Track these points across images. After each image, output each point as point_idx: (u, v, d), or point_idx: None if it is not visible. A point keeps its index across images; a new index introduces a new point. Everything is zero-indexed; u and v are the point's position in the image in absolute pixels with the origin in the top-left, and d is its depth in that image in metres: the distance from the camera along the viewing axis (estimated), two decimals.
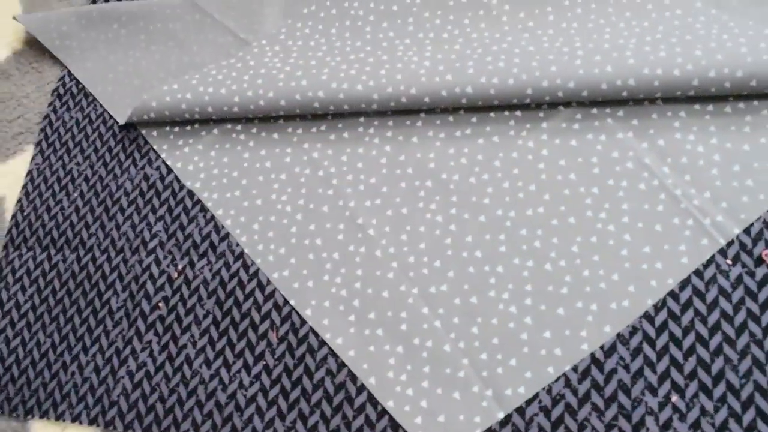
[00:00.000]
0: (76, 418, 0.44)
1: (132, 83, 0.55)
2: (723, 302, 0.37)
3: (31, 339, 0.47)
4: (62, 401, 0.45)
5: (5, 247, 0.51)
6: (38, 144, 0.55)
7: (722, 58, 0.40)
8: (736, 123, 0.41)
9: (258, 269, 0.44)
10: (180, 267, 0.46)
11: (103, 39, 0.57)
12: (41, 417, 0.44)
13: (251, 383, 0.41)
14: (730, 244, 0.38)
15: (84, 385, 0.45)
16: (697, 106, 0.42)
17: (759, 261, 0.38)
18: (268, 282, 0.43)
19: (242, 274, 0.44)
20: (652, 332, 0.37)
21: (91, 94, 0.55)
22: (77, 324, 0.47)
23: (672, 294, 0.38)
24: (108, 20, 0.57)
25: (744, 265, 0.38)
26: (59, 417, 0.44)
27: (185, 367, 0.43)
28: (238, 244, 0.45)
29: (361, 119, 0.47)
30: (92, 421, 0.43)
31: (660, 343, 0.37)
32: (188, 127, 0.51)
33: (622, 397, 0.36)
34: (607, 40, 0.43)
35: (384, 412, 0.39)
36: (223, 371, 0.42)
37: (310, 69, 0.47)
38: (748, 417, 0.35)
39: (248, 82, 0.47)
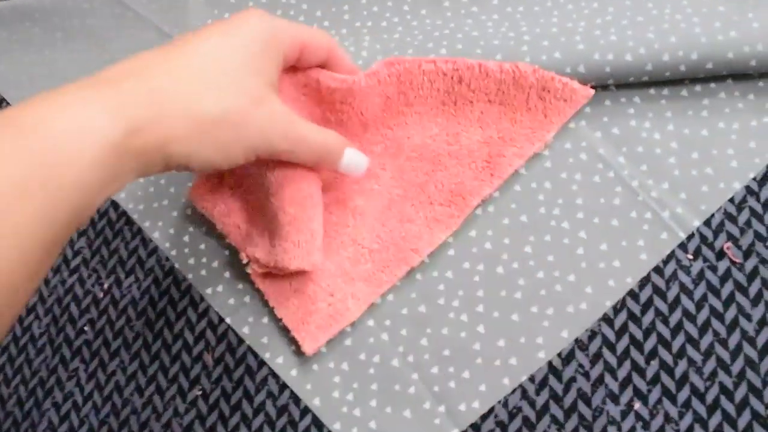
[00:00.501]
0: None
1: (50, 85, 0.49)
2: (685, 300, 0.35)
3: None
4: None
5: None
6: None
7: (676, 40, 0.37)
8: (693, 107, 0.39)
9: (190, 285, 0.41)
10: (106, 286, 0.42)
11: (15, 38, 0.52)
12: None
13: (187, 410, 0.38)
14: (690, 237, 0.36)
15: (7, 420, 0.41)
16: (652, 91, 0.39)
17: (721, 254, 0.36)
18: (202, 299, 0.40)
19: (173, 291, 0.41)
20: (611, 336, 0.35)
21: (4, 98, 0.51)
22: (41, 313, 0.43)
23: (631, 293, 0.35)
24: (20, 18, 0.52)
25: (705, 260, 0.36)
26: None
27: (115, 395, 0.39)
28: (167, 259, 0.42)
29: None
30: None
31: (620, 347, 0.35)
32: None
33: (582, 407, 0.34)
34: (555, 23, 0.40)
35: None
36: (156, 398, 0.39)
37: None
38: (714, 421, 0.33)
39: None
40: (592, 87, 0.39)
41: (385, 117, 0.40)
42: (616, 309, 0.35)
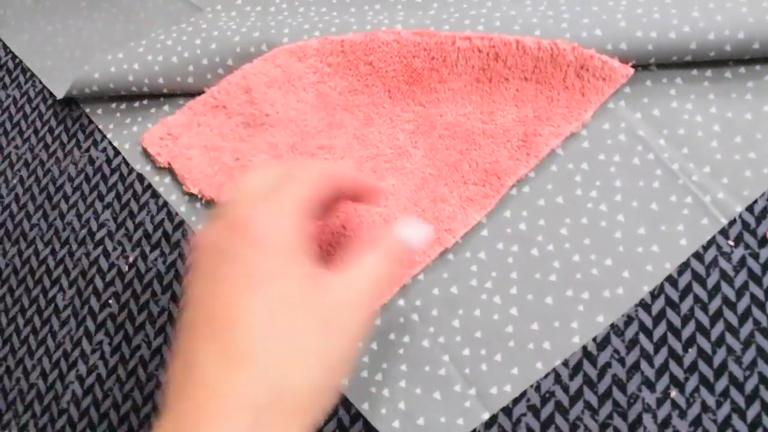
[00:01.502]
0: (23, 428, 0.40)
1: (73, 55, 0.49)
2: (725, 287, 0.34)
3: None
4: (7, 410, 0.41)
5: None
6: None
7: (722, 19, 0.36)
8: (737, 90, 0.37)
9: None
10: (131, 259, 0.42)
11: (40, 8, 0.51)
12: None
13: None
14: (732, 223, 0.35)
15: (30, 391, 0.41)
16: (694, 72, 0.38)
17: (763, 241, 0.35)
18: None
19: None
20: (648, 322, 0.34)
21: (29, 69, 0.50)
22: (21, 325, 0.42)
23: (670, 279, 0.35)
24: None
25: (747, 246, 0.35)
26: (4, 427, 0.40)
27: (140, 369, 0.39)
28: (194, 233, 0.41)
29: None
30: (40, 431, 0.39)
31: (657, 333, 0.34)
32: (136, 104, 0.46)
33: (617, 394, 0.33)
34: (596, 1, 0.39)
35: (358, 415, 0.35)
36: None
37: (269, 30, 0.42)
38: (752, 412, 0.32)
39: (201, 48, 0.43)
40: (633, 66, 0.37)
41: (415, 93, 0.40)
42: (654, 295, 0.34)
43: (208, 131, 0.42)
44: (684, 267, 0.35)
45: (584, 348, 0.34)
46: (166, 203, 0.42)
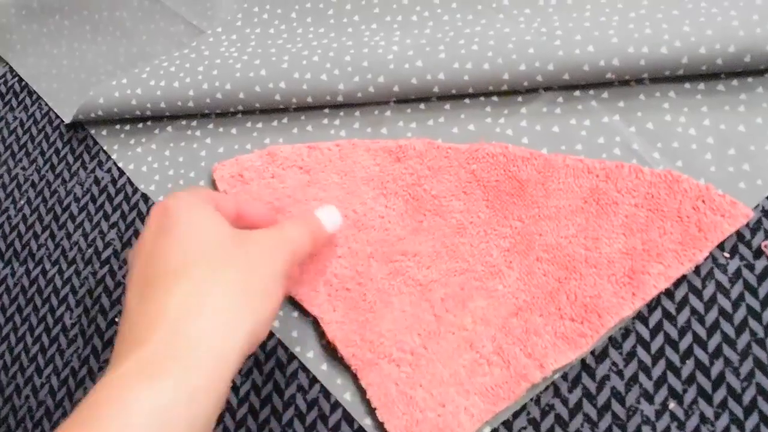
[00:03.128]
0: None
1: (78, 78, 0.50)
2: (721, 299, 0.34)
3: None
4: (17, 427, 0.41)
5: None
6: None
7: (713, 33, 0.36)
8: (729, 102, 0.38)
9: None
10: None
11: (45, 32, 0.52)
12: None
13: None
14: None
15: (39, 408, 0.41)
16: (687, 85, 0.39)
17: (758, 253, 0.35)
18: None
19: None
20: (646, 334, 0.35)
21: (35, 92, 0.51)
22: (29, 343, 0.43)
23: (666, 292, 0.35)
24: (50, 10, 0.52)
25: (742, 258, 0.35)
26: None
27: None
28: None
29: (326, 110, 0.44)
30: None
31: (655, 345, 0.34)
32: (140, 125, 0.47)
33: (616, 406, 0.34)
34: (588, 18, 0.40)
35: (361, 430, 0.36)
36: None
37: (269, 57, 0.43)
38: (750, 423, 0.32)
39: (203, 74, 0.43)
40: (626, 81, 0.38)
41: (516, 205, 0.37)
42: (651, 307, 0.35)
43: (281, 187, 0.41)
44: (680, 279, 0.35)
45: (582, 361, 0.35)
46: None
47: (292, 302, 0.39)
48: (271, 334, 0.39)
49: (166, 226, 0.29)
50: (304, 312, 0.38)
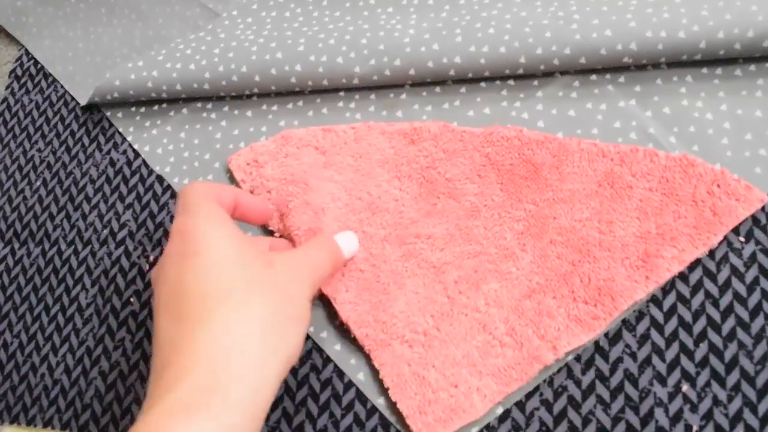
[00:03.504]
0: (47, 423, 0.41)
1: (94, 61, 0.51)
2: (736, 283, 0.34)
3: None
4: (33, 405, 0.42)
5: None
6: None
7: (731, 17, 0.36)
8: (747, 87, 0.38)
9: None
10: (152, 258, 0.43)
11: (61, 14, 0.53)
12: (11, 422, 0.42)
13: None
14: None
15: (55, 387, 0.42)
16: (704, 70, 0.39)
17: None
18: None
19: None
20: (660, 317, 0.35)
21: (50, 74, 0.52)
22: (45, 323, 0.44)
23: (681, 275, 0.35)
24: None
25: (758, 242, 0.35)
26: (30, 422, 0.41)
27: None
28: None
29: (341, 93, 0.44)
30: (65, 426, 0.41)
31: (669, 328, 0.34)
32: (155, 107, 0.47)
33: (629, 388, 0.34)
34: (605, 2, 0.39)
35: (374, 409, 0.36)
36: None
37: (285, 40, 0.43)
38: (763, 406, 0.32)
39: (219, 57, 0.44)
40: (643, 65, 0.38)
41: (530, 188, 0.38)
42: (665, 290, 0.35)
43: (295, 164, 0.41)
44: (695, 263, 0.35)
45: (596, 343, 0.35)
46: None
47: None
48: None
49: (189, 252, 0.28)
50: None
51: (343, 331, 0.38)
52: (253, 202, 0.36)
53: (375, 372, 0.36)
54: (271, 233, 0.40)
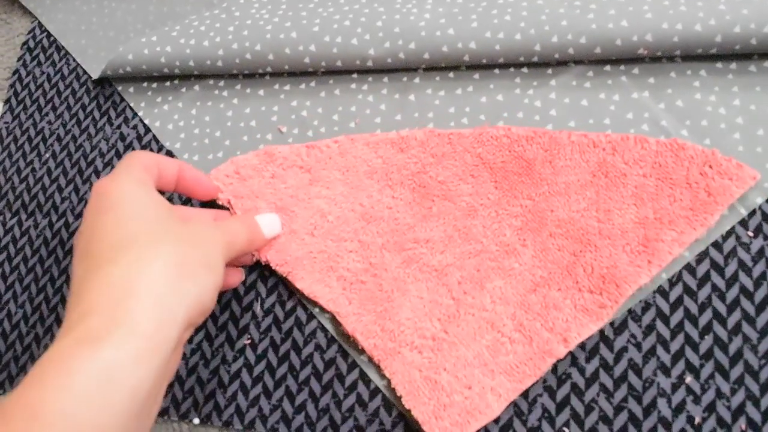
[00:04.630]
0: None
1: (107, 35, 0.51)
2: (743, 277, 0.34)
3: (1, 310, 0.44)
4: None
5: None
6: (7, 101, 0.51)
7: (748, 12, 0.36)
8: (761, 83, 0.38)
9: None
10: None
11: None
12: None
13: (235, 358, 0.39)
14: (752, 214, 0.35)
15: None
16: (719, 65, 0.39)
17: None
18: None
19: None
20: (666, 308, 0.35)
21: (63, 47, 0.51)
22: (50, 294, 0.44)
23: (688, 267, 0.35)
24: None
25: (766, 237, 0.35)
26: None
27: None
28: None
29: (354, 75, 0.44)
30: None
31: (674, 320, 0.34)
32: (167, 83, 0.47)
33: (632, 378, 0.34)
34: None
35: (377, 390, 0.36)
36: (205, 345, 0.39)
37: (300, 20, 0.43)
38: (766, 400, 0.32)
39: (233, 34, 0.44)
40: (658, 57, 0.38)
41: (524, 184, 0.38)
42: (672, 282, 0.35)
43: (282, 187, 0.40)
44: (703, 256, 0.35)
45: (601, 332, 0.35)
46: None
47: (310, 301, 0.39)
48: (290, 293, 0.39)
49: (105, 206, 0.30)
50: (321, 308, 0.38)
51: (351, 343, 0.37)
52: (197, 175, 0.37)
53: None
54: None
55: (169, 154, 0.45)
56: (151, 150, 0.45)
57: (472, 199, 0.38)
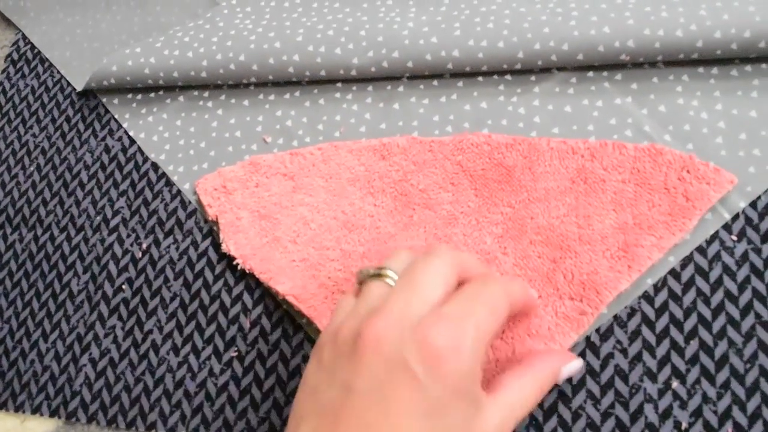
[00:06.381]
0: (36, 409, 0.41)
1: (91, 47, 0.50)
2: (727, 281, 0.35)
3: None
4: (21, 391, 0.42)
5: None
6: None
7: (729, 17, 0.36)
8: (742, 87, 0.38)
9: None
10: (144, 246, 0.43)
11: None
12: None
13: (222, 371, 0.38)
14: (735, 218, 0.36)
15: (44, 373, 0.42)
16: (701, 70, 0.39)
17: (766, 237, 0.35)
18: None
19: (211, 253, 0.41)
20: (651, 314, 0.35)
21: (47, 59, 0.51)
22: (36, 308, 0.43)
23: (673, 272, 0.35)
24: None
25: (750, 241, 0.35)
26: (18, 408, 0.41)
27: (151, 353, 0.40)
28: (206, 221, 0.42)
29: (339, 84, 0.44)
30: (53, 413, 0.40)
31: (660, 325, 0.34)
32: (152, 95, 0.47)
33: (619, 384, 0.34)
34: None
35: None
36: (191, 358, 0.39)
37: (284, 30, 0.43)
38: (752, 404, 0.32)
39: (217, 45, 0.44)
40: (640, 63, 0.38)
41: (504, 191, 0.38)
42: (657, 287, 0.35)
43: (266, 195, 0.41)
44: (687, 260, 0.35)
45: (587, 338, 0.35)
46: (179, 192, 0.43)
47: (296, 312, 0.39)
48: (277, 305, 0.39)
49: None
50: (308, 320, 0.38)
51: None
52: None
53: None
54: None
55: (154, 166, 0.45)
56: (136, 162, 0.45)
57: (452, 207, 0.38)
